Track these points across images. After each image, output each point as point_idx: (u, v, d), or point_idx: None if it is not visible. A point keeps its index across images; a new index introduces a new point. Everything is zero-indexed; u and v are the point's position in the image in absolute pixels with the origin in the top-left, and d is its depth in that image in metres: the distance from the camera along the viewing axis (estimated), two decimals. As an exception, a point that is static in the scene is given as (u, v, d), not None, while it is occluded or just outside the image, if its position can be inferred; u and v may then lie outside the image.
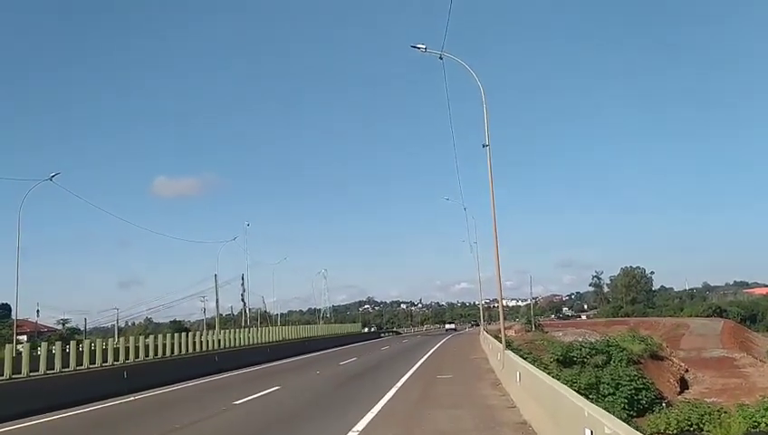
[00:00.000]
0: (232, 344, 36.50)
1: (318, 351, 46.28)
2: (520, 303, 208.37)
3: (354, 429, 11.20)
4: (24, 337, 70.68)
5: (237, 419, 13.81)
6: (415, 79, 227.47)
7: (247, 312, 79.65)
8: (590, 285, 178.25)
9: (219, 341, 34.25)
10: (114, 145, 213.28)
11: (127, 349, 24.31)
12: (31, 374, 19.89)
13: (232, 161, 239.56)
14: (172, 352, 28.32)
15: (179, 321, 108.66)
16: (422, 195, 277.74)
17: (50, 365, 21.26)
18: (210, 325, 70.70)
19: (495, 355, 23.61)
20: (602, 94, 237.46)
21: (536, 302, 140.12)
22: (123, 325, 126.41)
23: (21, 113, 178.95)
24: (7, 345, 23.09)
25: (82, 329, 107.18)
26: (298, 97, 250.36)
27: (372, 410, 13.42)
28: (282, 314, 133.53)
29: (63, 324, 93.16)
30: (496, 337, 45.80)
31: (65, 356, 22.20)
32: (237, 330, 43.69)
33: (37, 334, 78.81)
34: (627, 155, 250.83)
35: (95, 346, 23.46)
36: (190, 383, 22.81)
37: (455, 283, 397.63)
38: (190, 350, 30.19)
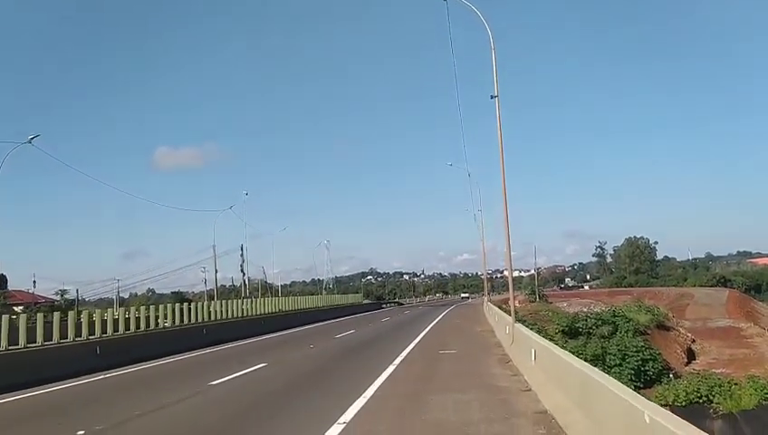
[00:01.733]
0: (224, 316, 34.72)
1: (316, 322, 44.64)
2: (523, 273, 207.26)
3: (339, 420, 9.26)
4: (20, 308, 69.40)
5: (207, 405, 11.89)
6: (419, 35, 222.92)
7: (247, 282, 78.28)
8: (593, 256, 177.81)
9: (210, 313, 32.30)
10: (116, 115, 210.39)
11: (104, 322, 22.42)
12: (10, 348, 18.12)
13: (232, 131, 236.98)
14: (157, 325, 26.50)
15: (181, 292, 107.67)
16: (425, 164, 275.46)
17: (31, 338, 19.58)
18: (212, 296, 69.29)
19: (503, 328, 21.76)
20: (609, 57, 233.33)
21: (539, 272, 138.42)
22: (127, 296, 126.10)
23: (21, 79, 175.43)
24: None
25: (81, 300, 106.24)
26: (295, 61, 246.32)
27: (364, 395, 11.51)
28: (284, 285, 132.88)
29: (62, 295, 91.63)
30: (500, 308, 44.33)
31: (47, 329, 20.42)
32: (231, 301, 42.00)
33: (33, 305, 77.38)
34: (631, 124, 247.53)
35: (68, 319, 21.53)
36: (170, 359, 21.00)
37: (457, 254, 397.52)
38: (177, 322, 28.35)
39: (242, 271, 74.30)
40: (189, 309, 30.42)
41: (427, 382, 13.23)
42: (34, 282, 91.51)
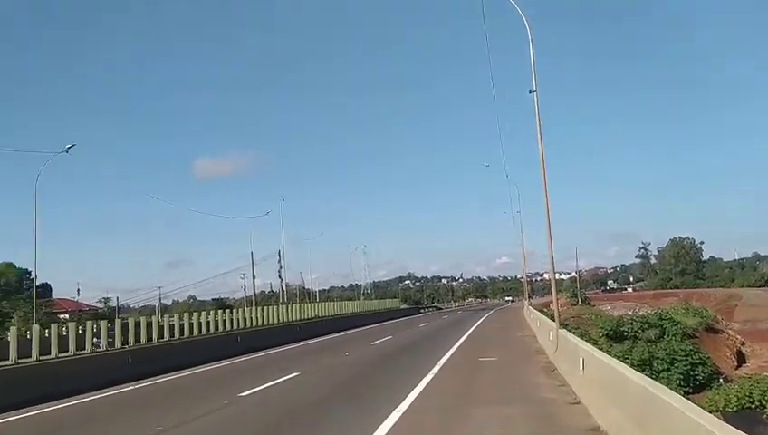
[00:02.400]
0: (260, 323, 34.27)
1: (352, 328, 43.96)
2: (563, 276, 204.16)
3: (371, 440, 8.55)
4: (67, 316, 70.54)
5: (234, 419, 11.26)
6: (456, 39, 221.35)
7: (284, 288, 78.23)
8: (636, 257, 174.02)
9: (245, 319, 31.84)
10: (156, 126, 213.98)
11: (137, 330, 22.04)
12: (41, 358, 17.89)
13: (270, 139, 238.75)
14: (191, 333, 26.12)
15: (222, 299, 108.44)
16: (462, 166, 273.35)
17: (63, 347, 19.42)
18: (251, 302, 69.34)
19: (546, 334, 20.75)
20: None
21: (580, 274, 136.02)
22: (170, 303, 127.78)
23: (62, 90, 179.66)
24: (12, 328, 21.04)
25: (125, 307, 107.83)
26: (331, 65, 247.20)
27: (399, 408, 10.72)
28: (323, 291, 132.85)
29: (105, 303, 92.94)
30: (542, 312, 43.11)
31: (79, 338, 20.19)
32: (268, 308, 41.63)
33: (78, 313, 78.60)
34: (673, 121, 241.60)
35: (100, 327, 21.21)
36: (203, 368, 20.55)
37: (496, 257, 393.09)
38: (211, 330, 27.96)
39: (279, 277, 74.27)
40: (224, 317, 30.02)
41: (467, 393, 12.40)
42: (78, 290, 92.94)
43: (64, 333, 20.25)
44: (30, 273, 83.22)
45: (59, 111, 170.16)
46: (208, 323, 27.97)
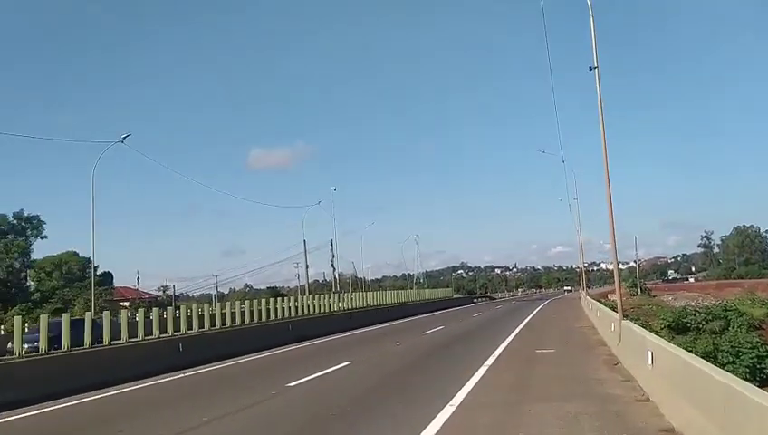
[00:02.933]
0: (311, 312, 34.12)
1: (404, 318, 43.52)
2: (622, 265, 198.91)
3: (422, 436, 7.95)
4: (127, 304, 72.44)
5: (278, 410, 10.82)
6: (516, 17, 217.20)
7: (336, 277, 78.47)
8: (698, 246, 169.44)
9: (296, 308, 31.68)
10: (211, 119, 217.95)
11: (189, 318, 22.02)
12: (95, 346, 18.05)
13: (322, 129, 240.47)
14: (243, 321, 26.05)
15: (276, 287, 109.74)
16: (517, 153, 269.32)
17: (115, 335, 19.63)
18: (309, 291, 69.76)
19: (607, 325, 19.76)
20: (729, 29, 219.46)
21: (639, 264, 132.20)
22: (227, 292, 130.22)
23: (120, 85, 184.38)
24: (63, 315, 21.26)
25: (183, 295, 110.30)
26: (381, 53, 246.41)
27: (452, 402, 10.12)
28: (375, 280, 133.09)
29: (164, 291, 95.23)
30: (599, 301, 41.69)
31: (131, 326, 20.32)
32: (320, 296, 41.55)
33: (138, 302, 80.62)
34: (737, 107, 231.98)
35: (152, 316, 21.30)
36: (253, 357, 20.37)
37: (550, 246, 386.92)
38: (263, 318, 27.87)
39: (332, 266, 74.53)
40: (276, 305, 29.91)
41: (523, 388, 11.66)
42: (138, 279, 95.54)
43: (122, 320, 20.39)
44: (97, 268, 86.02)
45: (122, 103, 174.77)
46: (260, 311, 27.90)
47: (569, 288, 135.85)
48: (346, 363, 16.75)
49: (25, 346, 17.50)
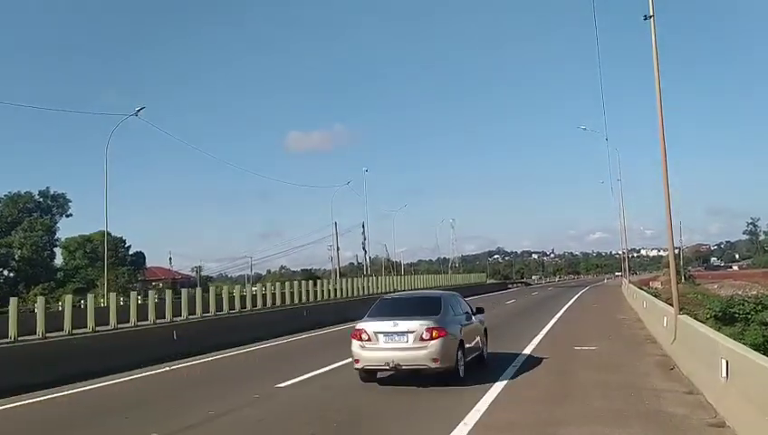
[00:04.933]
0: (335, 296, 32.13)
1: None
2: (662, 253, 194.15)
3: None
4: (160, 284, 71.86)
5: (249, 425, 8.72)
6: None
7: (368, 260, 76.76)
8: (743, 233, 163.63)
9: (314, 292, 29.52)
10: (250, 103, 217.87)
11: (191, 302, 20.23)
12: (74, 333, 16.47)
13: (359, 112, 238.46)
14: (254, 305, 24.22)
15: (312, 269, 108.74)
16: (555, 134, 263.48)
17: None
18: (342, 274, 68.28)
19: (657, 319, 17.25)
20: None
21: (681, 251, 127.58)
22: (264, 273, 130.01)
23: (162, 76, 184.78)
24: (39, 298, 19.72)
25: (215, 276, 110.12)
26: (421, 38, 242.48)
27: (466, 421, 7.92)
28: (410, 264, 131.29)
29: (198, 271, 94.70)
30: (641, 289, 38.94)
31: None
32: (351, 279, 39.71)
33: (171, 282, 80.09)
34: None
35: (147, 300, 19.54)
36: (255, 347, 18.36)
37: (589, 232, 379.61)
38: (277, 303, 25.98)
39: (363, 249, 72.78)
40: (292, 289, 28.00)
41: (558, 401, 9.29)
42: (170, 259, 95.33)
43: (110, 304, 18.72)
44: (125, 241, 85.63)
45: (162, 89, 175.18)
46: (273, 295, 26.01)
47: (618, 274, 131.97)
48: (348, 361, 14.63)
49: None
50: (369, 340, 10.91)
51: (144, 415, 9.48)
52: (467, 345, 11.59)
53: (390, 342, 10.72)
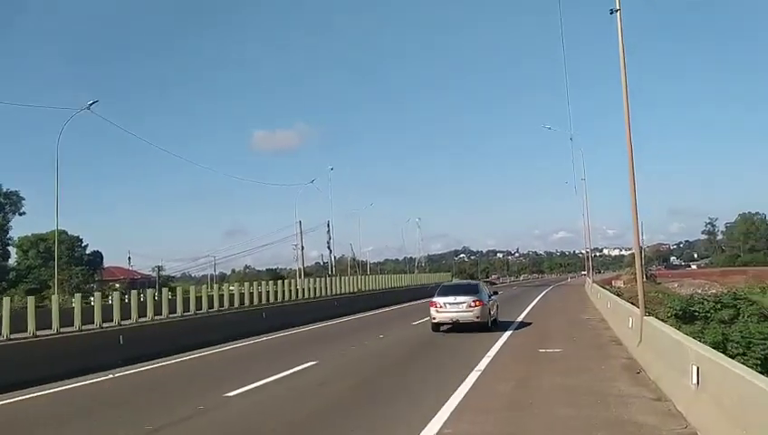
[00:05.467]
0: (296, 297, 31.29)
1: (398, 304, 40.61)
2: (624, 252, 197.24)
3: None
4: (116, 285, 69.78)
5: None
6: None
7: (332, 259, 75.93)
8: (702, 233, 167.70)
9: (268, 293, 28.60)
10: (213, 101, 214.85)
11: (142, 305, 19.26)
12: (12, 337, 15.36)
13: (324, 111, 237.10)
14: (210, 307, 23.35)
15: (276, 269, 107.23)
16: (520, 135, 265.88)
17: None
18: (308, 274, 67.21)
19: (622, 320, 16.93)
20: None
21: (643, 250, 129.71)
22: (229, 273, 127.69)
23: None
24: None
25: (178, 276, 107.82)
26: (385, 34, 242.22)
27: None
28: (376, 263, 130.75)
29: (158, 271, 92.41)
30: (604, 288, 39.00)
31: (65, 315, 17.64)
32: (317, 279, 38.94)
33: (130, 282, 78.00)
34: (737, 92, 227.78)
35: (94, 302, 18.53)
36: (208, 352, 17.47)
37: (553, 231, 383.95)
38: (235, 304, 25.11)
39: (328, 248, 71.87)
40: (252, 289, 27.12)
41: (521, 411, 8.76)
42: (129, 259, 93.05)
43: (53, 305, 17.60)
44: (81, 240, 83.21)
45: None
46: (232, 295, 25.14)
47: (573, 274, 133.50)
48: (311, 364, 13.94)
49: None
50: (440, 307, 19.72)
51: (73, 431, 8.69)
52: (491, 311, 20.47)
53: (452, 307, 19.48)
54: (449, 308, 19.42)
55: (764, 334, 29.67)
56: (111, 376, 13.51)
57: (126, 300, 23.60)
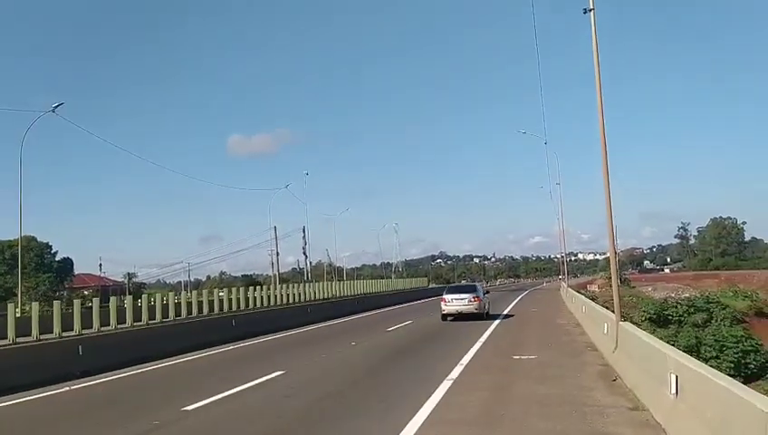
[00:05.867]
0: (264, 304, 30.59)
1: (372, 310, 40.01)
2: (598, 256, 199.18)
3: None
4: (85, 292, 68.15)
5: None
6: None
7: (308, 265, 75.25)
8: (675, 237, 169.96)
9: (239, 299, 27.92)
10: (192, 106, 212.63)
11: (103, 313, 18.51)
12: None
13: (303, 117, 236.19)
14: (177, 315, 22.65)
15: (252, 275, 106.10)
16: (497, 142, 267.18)
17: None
18: (285, 280, 66.39)
19: (598, 325, 16.66)
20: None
21: (617, 255, 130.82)
22: (204, 279, 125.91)
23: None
24: None
25: (152, 282, 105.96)
26: (362, 42, 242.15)
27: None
28: (354, 269, 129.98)
29: (130, 278, 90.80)
30: (579, 292, 38.85)
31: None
32: (293, 285, 38.36)
33: (101, 289, 76.36)
34: (713, 95, 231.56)
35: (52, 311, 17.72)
36: (173, 362, 16.80)
37: (529, 236, 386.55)
38: (205, 311, 24.42)
39: (304, 253, 71.17)
40: (222, 295, 26.45)
41: (494, 424, 8.31)
42: (101, 265, 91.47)
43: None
44: (51, 247, 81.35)
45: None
46: (201, 302, 24.47)
47: (549, 279, 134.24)
48: (277, 374, 13.38)
49: None
50: (448, 302, 25.85)
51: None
52: (486, 306, 27.20)
53: (458, 302, 25.55)
54: (455, 303, 26.11)
55: (737, 338, 30.04)
56: (68, 389, 12.86)
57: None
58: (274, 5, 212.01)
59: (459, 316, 25.46)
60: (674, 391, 7.47)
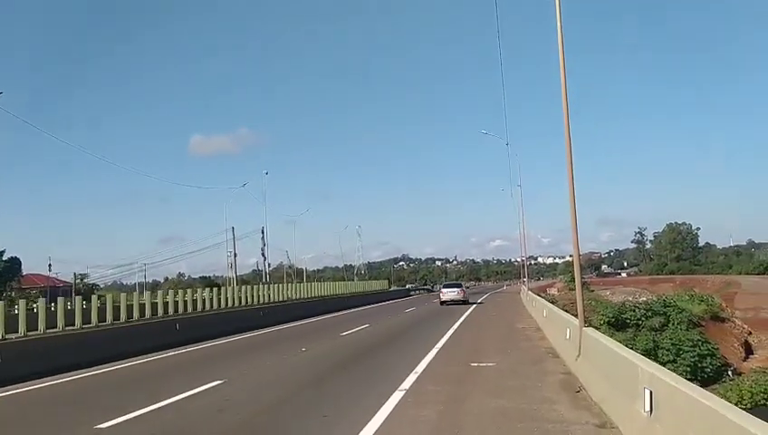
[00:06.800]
0: (212, 307, 29.10)
1: (331, 313, 38.86)
2: (557, 260, 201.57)
3: None
4: (31, 293, 65.29)
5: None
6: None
7: (267, 267, 73.64)
8: (632, 242, 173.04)
9: (186, 302, 26.36)
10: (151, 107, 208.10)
11: (30, 315, 17.04)
12: None
13: (265, 117, 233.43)
14: (130, 317, 21.26)
15: (210, 276, 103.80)
16: (457, 145, 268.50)
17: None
18: (245, 281, 64.67)
19: (559, 330, 15.88)
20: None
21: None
22: (162, 280, 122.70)
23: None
24: None
25: (108, 284, 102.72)
26: (325, 45, 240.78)
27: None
28: (316, 271, 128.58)
29: (81, 279, 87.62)
30: (540, 295, 38.44)
31: None
32: (250, 287, 36.95)
33: (50, 290, 73.41)
34: (671, 105, 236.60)
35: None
36: (102, 369, 15.39)
37: (490, 240, 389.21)
38: (148, 314, 23.00)
39: (262, 255, 69.46)
40: (167, 298, 25.01)
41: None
42: (50, 266, 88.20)
43: None
44: (3, 253, 77.98)
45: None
46: (142, 305, 23.06)
47: (509, 282, 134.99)
48: (216, 383, 12.21)
49: None
50: (445, 293, 46.27)
51: None
52: (468, 295, 49.67)
53: (450, 293, 45.70)
54: (449, 294, 45.10)
55: (693, 341, 30.41)
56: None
57: (34, 309, 21.17)
58: (238, 7, 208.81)
59: (451, 302, 43.77)
60: (648, 408, 6.62)
